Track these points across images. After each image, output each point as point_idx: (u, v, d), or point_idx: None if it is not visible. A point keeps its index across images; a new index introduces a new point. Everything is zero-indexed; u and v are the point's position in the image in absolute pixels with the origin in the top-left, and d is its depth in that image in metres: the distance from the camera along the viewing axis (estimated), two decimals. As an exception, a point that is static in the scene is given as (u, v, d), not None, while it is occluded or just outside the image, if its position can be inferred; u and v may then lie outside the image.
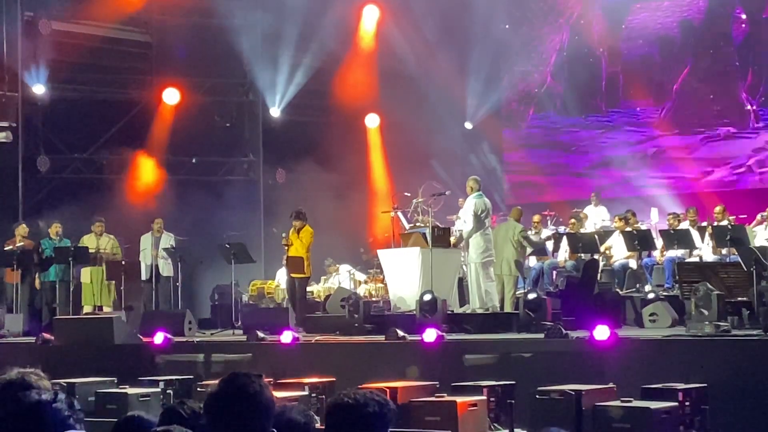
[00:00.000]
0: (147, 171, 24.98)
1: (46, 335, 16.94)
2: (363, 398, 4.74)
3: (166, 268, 20.72)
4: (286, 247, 18.62)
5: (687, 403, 10.69)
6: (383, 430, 4.56)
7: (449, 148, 26.38)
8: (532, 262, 20.53)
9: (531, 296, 15.77)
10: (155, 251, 20.71)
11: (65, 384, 13.64)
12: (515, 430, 11.01)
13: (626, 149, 26.73)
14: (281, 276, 22.47)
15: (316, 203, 23.43)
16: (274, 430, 3.89)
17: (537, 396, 11.16)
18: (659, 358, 12.08)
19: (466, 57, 26.93)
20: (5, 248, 20.08)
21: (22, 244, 20.23)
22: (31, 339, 17.42)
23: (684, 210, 20.81)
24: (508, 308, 17.43)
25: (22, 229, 20.59)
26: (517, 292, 18.12)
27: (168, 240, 20.96)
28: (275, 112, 26.23)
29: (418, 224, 19.57)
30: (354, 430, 4.57)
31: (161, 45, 25.11)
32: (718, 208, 19.76)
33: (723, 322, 13.47)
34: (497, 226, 19.38)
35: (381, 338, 14.73)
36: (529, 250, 19.31)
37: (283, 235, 18.88)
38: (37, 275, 20.34)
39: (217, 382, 4.19)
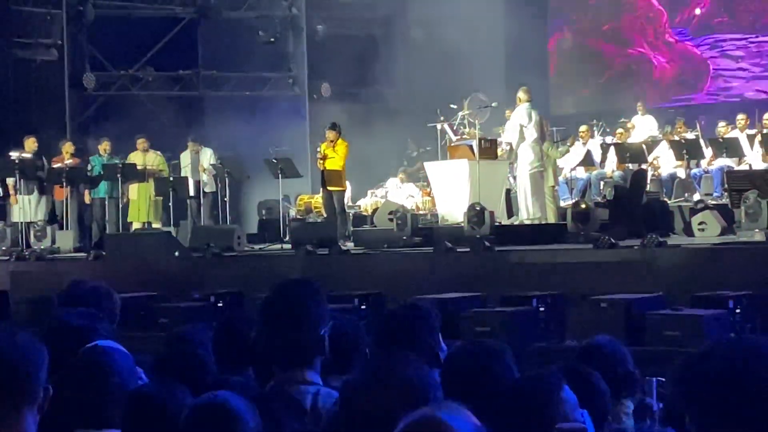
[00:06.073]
0: (192, 87, 25.01)
1: (98, 251, 17.12)
2: (411, 304, 4.89)
3: (210, 184, 20.78)
4: (320, 160, 18.56)
5: (738, 311, 10.68)
6: (430, 334, 4.64)
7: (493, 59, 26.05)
8: (580, 173, 20.42)
9: (579, 207, 15.72)
10: (200, 167, 20.79)
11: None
12: (565, 339, 11.05)
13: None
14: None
15: (361, 117, 23.39)
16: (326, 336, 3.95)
17: (586, 305, 11.18)
18: (709, 266, 12.04)
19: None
20: (53, 166, 20.20)
21: (70, 161, 20.35)
22: (83, 254, 17.63)
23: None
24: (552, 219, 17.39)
25: (69, 146, 20.65)
26: (563, 203, 18.05)
27: (207, 154, 20.97)
28: (320, 25, 26.08)
29: (464, 137, 19.50)
30: (405, 338, 4.63)
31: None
32: (767, 116, 19.50)
33: (773, 231, 13.40)
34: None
35: (429, 250, 14.77)
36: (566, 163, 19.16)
37: (318, 149, 18.82)
38: (87, 192, 20.49)
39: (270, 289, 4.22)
